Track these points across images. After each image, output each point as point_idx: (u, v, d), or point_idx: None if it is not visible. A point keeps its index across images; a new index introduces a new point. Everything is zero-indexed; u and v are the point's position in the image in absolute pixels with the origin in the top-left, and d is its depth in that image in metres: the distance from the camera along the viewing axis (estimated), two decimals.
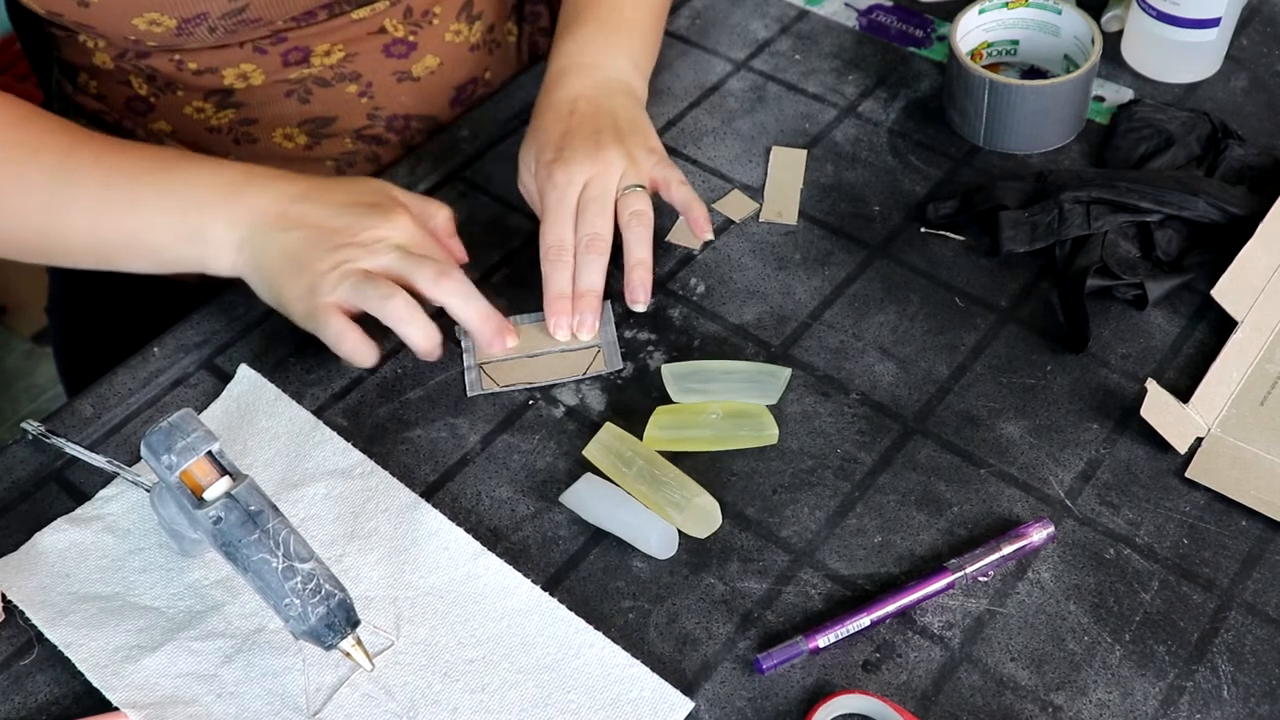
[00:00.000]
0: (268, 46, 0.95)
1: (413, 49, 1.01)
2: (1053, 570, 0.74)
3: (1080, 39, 0.98)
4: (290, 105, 0.99)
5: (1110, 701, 0.69)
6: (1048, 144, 0.97)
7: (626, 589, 0.74)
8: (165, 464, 0.67)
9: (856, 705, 0.69)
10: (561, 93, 0.92)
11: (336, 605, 0.66)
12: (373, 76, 1.00)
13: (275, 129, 1.00)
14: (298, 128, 1.00)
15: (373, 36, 0.98)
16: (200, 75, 0.96)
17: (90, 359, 1.11)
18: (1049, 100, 0.95)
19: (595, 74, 0.93)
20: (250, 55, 0.95)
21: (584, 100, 0.91)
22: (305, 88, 0.98)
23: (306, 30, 0.95)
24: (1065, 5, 0.99)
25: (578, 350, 0.86)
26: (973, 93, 0.96)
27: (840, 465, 0.80)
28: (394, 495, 0.78)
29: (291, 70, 0.97)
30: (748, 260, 0.91)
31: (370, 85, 1.00)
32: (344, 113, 1.01)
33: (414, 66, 1.01)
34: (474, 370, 0.85)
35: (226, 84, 0.96)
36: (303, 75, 0.98)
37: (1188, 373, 0.83)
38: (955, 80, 0.97)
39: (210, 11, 0.90)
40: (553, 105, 0.91)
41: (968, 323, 0.87)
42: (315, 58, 0.97)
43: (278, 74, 0.97)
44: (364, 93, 1.00)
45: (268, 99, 0.98)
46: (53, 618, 0.73)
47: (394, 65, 1.00)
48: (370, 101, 1.01)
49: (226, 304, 0.90)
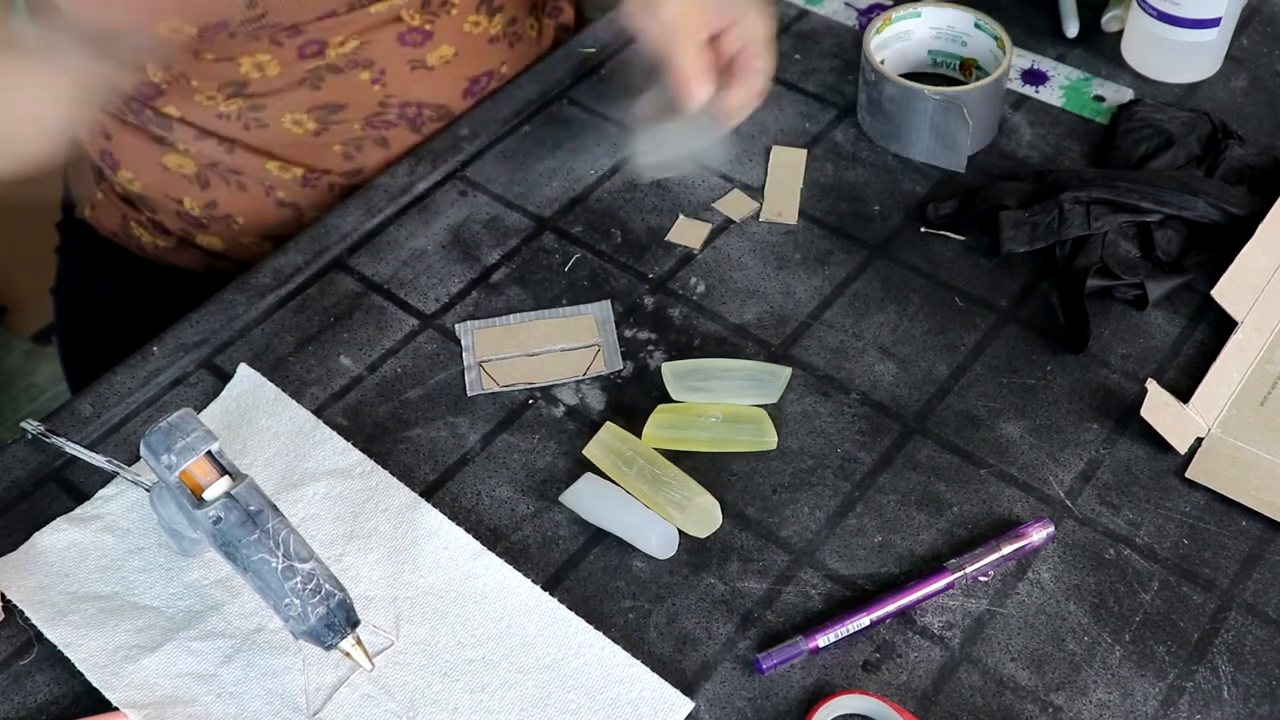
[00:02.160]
0: (284, 39, 0.95)
1: (428, 38, 1.01)
2: (1053, 570, 0.74)
3: (995, 51, 0.99)
4: (301, 92, 0.99)
5: (1110, 702, 0.69)
6: (951, 156, 0.97)
7: (626, 589, 0.74)
8: (165, 464, 0.67)
9: (856, 705, 0.69)
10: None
11: (336, 605, 0.66)
12: (386, 64, 1.00)
13: (285, 114, 1.00)
14: (307, 114, 1.00)
15: (388, 26, 0.98)
16: (217, 64, 0.96)
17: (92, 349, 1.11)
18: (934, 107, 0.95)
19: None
20: (267, 46, 0.95)
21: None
22: (318, 75, 0.98)
23: (323, 23, 0.95)
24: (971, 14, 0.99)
25: (577, 350, 0.86)
26: (881, 98, 0.96)
27: (840, 465, 0.80)
28: (394, 495, 0.78)
29: (307, 62, 0.97)
30: (748, 260, 0.91)
31: (384, 73, 1.00)
32: (355, 100, 1.01)
33: (429, 55, 1.01)
34: (474, 370, 0.85)
35: (242, 74, 0.97)
36: (317, 65, 0.98)
37: (1188, 373, 0.83)
38: (871, 87, 0.98)
39: (230, 19, 0.91)
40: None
41: (968, 323, 0.87)
42: (330, 49, 0.97)
43: (293, 65, 0.97)
44: (376, 80, 1.00)
45: (281, 88, 0.98)
46: (52, 617, 0.73)
47: (409, 54, 1.00)
48: (382, 89, 1.01)
49: (226, 304, 0.90)
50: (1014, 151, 0.98)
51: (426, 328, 0.88)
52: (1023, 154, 0.98)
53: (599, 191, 0.96)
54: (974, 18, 0.99)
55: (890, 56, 1.01)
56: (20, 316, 2.04)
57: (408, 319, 0.89)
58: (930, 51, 1.02)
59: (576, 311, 0.88)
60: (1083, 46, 1.06)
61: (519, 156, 0.99)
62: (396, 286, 0.91)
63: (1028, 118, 1.01)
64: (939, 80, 1.02)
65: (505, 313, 0.88)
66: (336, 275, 0.92)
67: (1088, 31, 1.07)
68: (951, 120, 0.94)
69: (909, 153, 0.98)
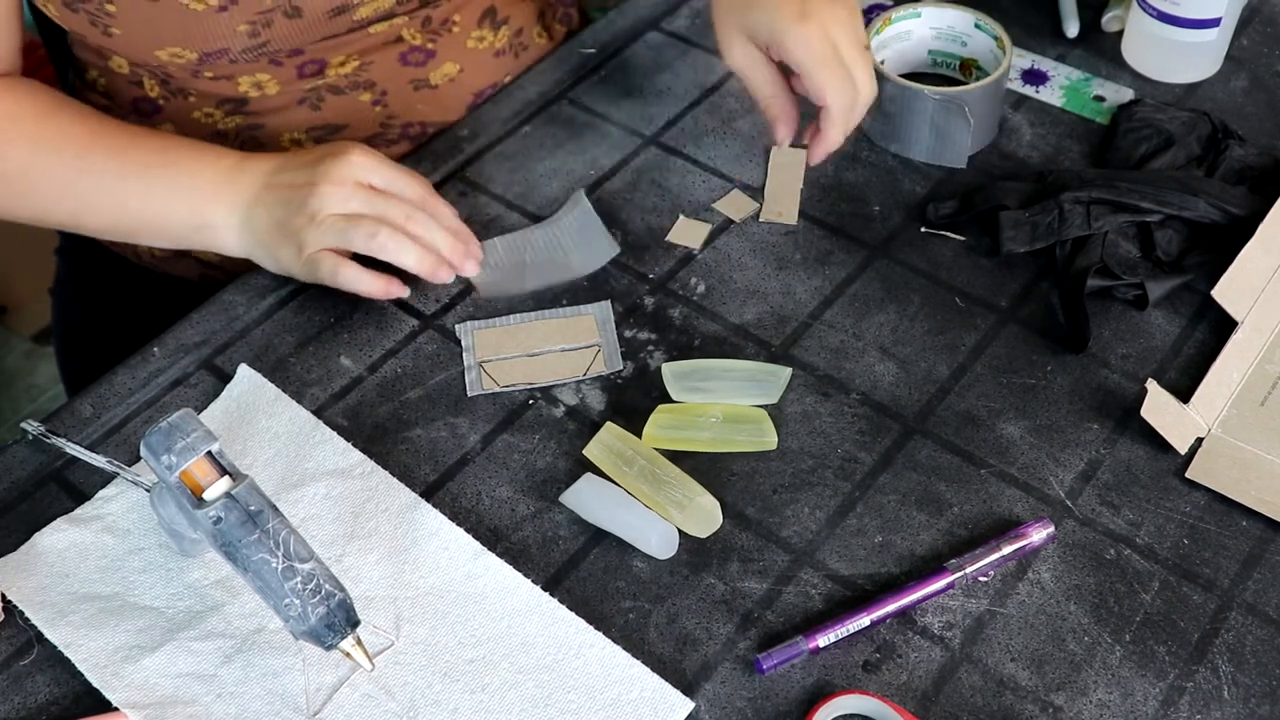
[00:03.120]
0: (284, 59, 0.95)
1: (430, 56, 1.00)
2: (1053, 570, 0.74)
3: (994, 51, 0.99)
4: (301, 112, 0.99)
5: (1110, 702, 0.69)
6: (953, 155, 0.97)
7: (626, 589, 0.74)
8: (165, 464, 0.67)
9: (856, 705, 0.69)
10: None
11: (336, 605, 0.66)
12: (388, 85, 0.99)
13: (283, 134, 1.00)
14: (305, 134, 1.00)
15: (389, 46, 0.98)
16: (216, 82, 0.96)
17: (87, 351, 1.11)
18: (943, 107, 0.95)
19: None
20: (266, 67, 0.95)
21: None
22: (318, 95, 0.98)
23: (323, 44, 0.95)
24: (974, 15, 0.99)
25: (578, 350, 0.86)
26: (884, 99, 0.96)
27: (840, 465, 0.80)
28: (394, 495, 0.78)
29: (306, 81, 0.97)
30: (748, 260, 0.91)
31: (385, 94, 1.00)
32: (356, 121, 1.00)
33: (432, 74, 1.01)
34: (474, 370, 0.85)
35: (241, 92, 0.97)
36: (317, 85, 0.98)
37: (1188, 373, 0.83)
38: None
39: (231, 47, 0.92)
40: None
41: (968, 323, 0.87)
42: (330, 69, 0.97)
43: (292, 84, 0.97)
44: (378, 101, 1.00)
45: (279, 106, 0.98)
46: (52, 618, 0.73)
47: (410, 74, 1.00)
48: (384, 110, 1.00)
49: (226, 304, 0.90)
50: (1014, 151, 0.98)
51: (427, 328, 0.88)
52: (1023, 154, 0.98)
53: (599, 192, 0.96)
54: (974, 18, 0.99)
55: (890, 56, 1.01)
56: (20, 316, 2.04)
57: (408, 319, 0.89)
58: (930, 51, 1.02)
59: (576, 312, 0.88)
60: (1083, 46, 1.06)
61: (519, 157, 0.99)
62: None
63: (1028, 118, 1.01)
64: (939, 80, 1.02)
65: (506, 313, 0.88)
66: None
67: (1088, 31, 1.07)
68: (952, 119, 0.94)
69: (909, 153, 0.98)
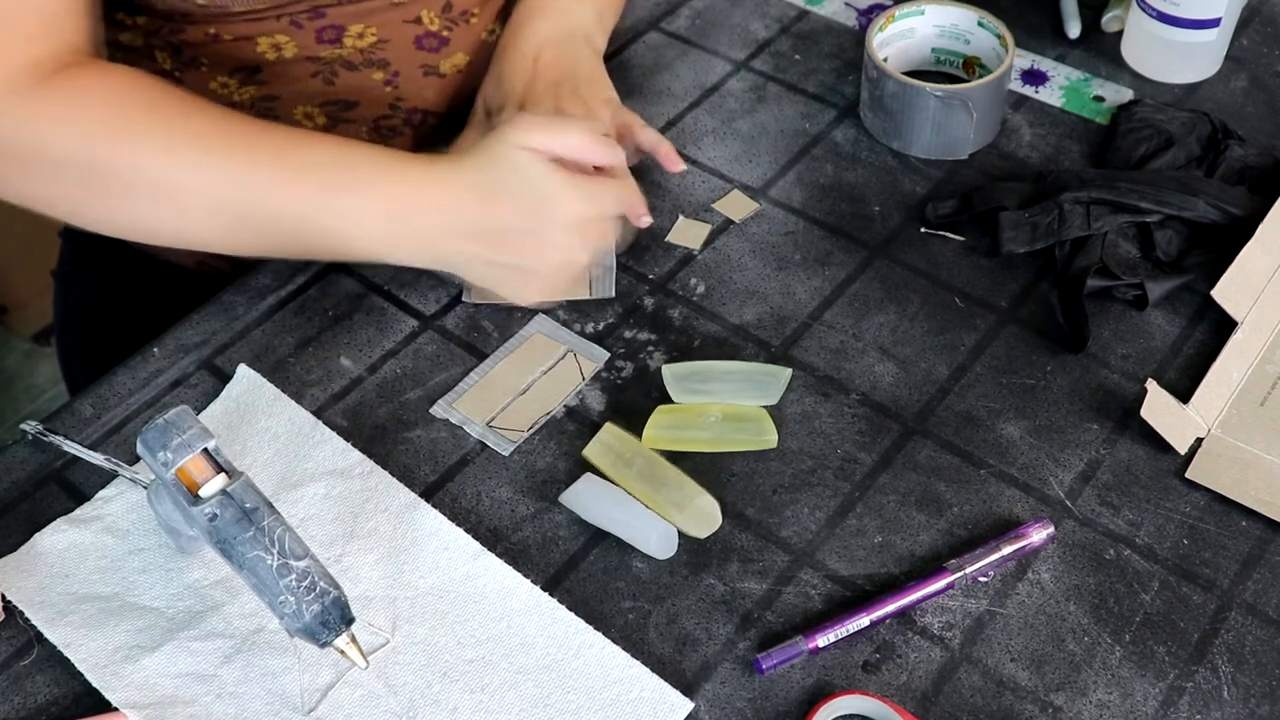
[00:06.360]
0: (304, 21, 0.94)
1: (444, 44, 1.01)
2: (1053, 571, 0.74)
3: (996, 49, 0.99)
4: (315, 85, 0.99)
5: (1110, 702, 0.69)
6: (954, 150, 0.97)
7: (626, 589, 0.74)
8: (161, 460, 0.66)
9: (856, 706, 0.69)
10: (528, 37, 0.96)
11: (331, 602, 0.66)
12: (400, 66, 1.00)
13: (296, 106, 0.99)
14: (318, 108, 1.00)
15: (407, 25, 0.98)
16: (235, 44, 0.95)
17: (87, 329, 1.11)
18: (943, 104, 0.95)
19: (562, 20, 0.97)
20: (286, 28, 0.95)
21: (548, 48, 0.95)
22: (332, 69, 0.98)
23: (345, 9, 0.95)
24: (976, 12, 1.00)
25: (557, 363, 0.85)
26: (885, 95, 0.97)
27: (840, 465, 0.80)
28: (393, 495, 0.78)
29: (323, 48, 0.97)
30: (748, 260, 0.91)
31: (397, 75, 1.00)
32: (366, 99, 1.00)
33: (442, 63, 1.01)
34: (489, 436, 0.81)
35: (259, 52, 0.96)
36: (333, 55, 0.97)
37: (1188, 373, 0.83)
38: (874, 84, 0.98)
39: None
40: (519, 49, 0.96)
41: (968, 323, 0.87)
42: (348, 38, 0.97)
43: (309, 50, 0.97)
44: (389, 82, 1.00)
45: (294, 76, 0.98)
46: (52, 618, 0.73)
47: (423, 58, 1.00)
48: (394, 91, 1.01)
49: (226, 304, 0.90)
50: (1014, 152, 0.98)
51: (426, 329, 0.88)
52: (1023, 154, 0.98)
53: None
54: (977, 15, 0.99)
55: (893, 54, 1.01)
56: (20, 316, 2.05)
57: (408, 320, 0.89)
58: (934, 49, 1.02)
59: (520, 340, 0.86)
60: (1082, 47, 1.06)
61: None
62: (397, 287, 0.91)
63: (1028, 118, 1.01)
64: (942, 78, 1.02)
65: (461, 375, 0.85)
66: (337, 276, 0.92)
67: (1087, 31, 1.07)
68: (954, 116, 0.94)
69: (911, 150, 0.98)
